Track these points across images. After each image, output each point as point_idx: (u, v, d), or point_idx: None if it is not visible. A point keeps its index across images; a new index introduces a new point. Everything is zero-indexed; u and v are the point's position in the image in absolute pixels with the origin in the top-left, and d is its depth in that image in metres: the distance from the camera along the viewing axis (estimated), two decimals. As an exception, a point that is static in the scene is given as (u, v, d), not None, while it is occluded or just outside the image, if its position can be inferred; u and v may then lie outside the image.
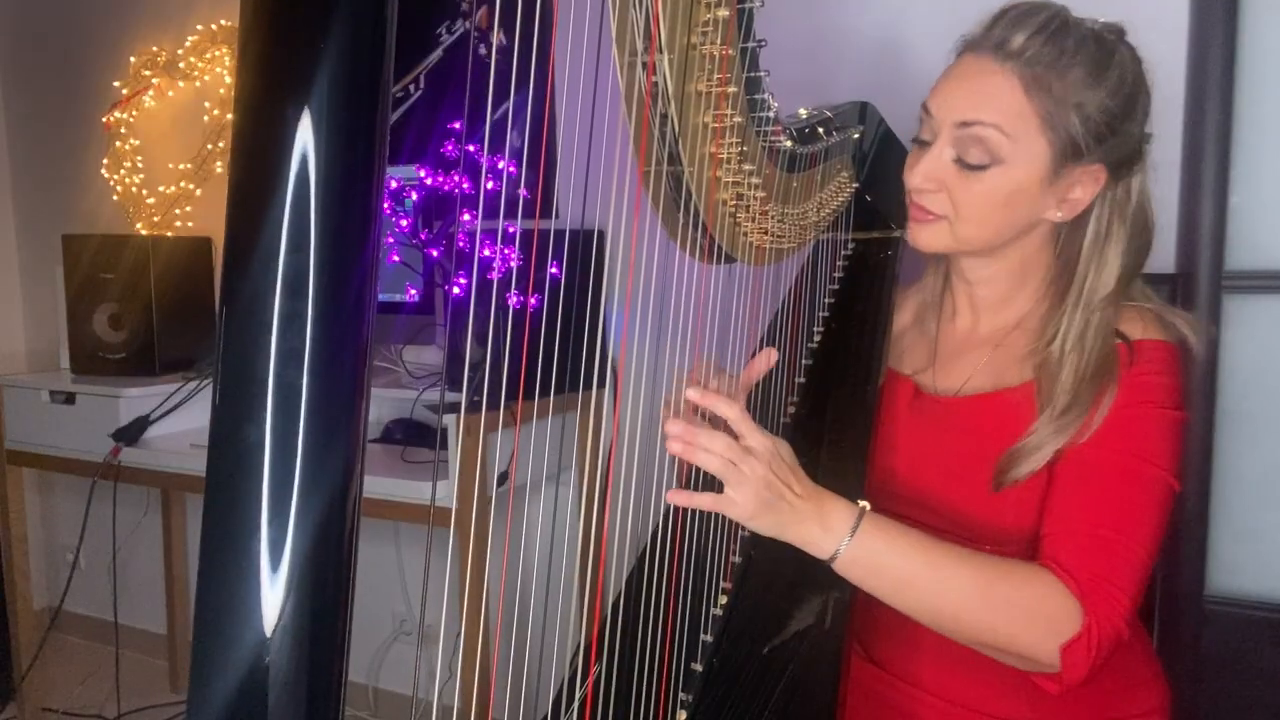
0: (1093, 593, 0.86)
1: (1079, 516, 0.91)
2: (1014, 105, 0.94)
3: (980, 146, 0.95)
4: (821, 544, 0.86)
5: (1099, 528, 0.89)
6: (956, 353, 1.11)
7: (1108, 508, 0.90)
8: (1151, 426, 0.93)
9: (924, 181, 0.99)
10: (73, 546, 2.27)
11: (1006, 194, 0.97)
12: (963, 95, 0.97)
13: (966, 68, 0.98)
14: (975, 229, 1.00)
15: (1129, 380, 0.94)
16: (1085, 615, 0.85)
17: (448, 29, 2.20)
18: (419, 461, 1.75)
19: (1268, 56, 1.45)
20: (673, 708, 0.90)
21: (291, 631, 0.43)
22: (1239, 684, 1.47)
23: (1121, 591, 0.86)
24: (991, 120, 0.94)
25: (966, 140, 0.96)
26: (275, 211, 0.41)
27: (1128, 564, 0.88)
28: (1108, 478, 0.92)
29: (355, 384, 0.44)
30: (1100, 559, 0.88)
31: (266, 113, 0.41)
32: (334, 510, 0.44)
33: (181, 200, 2.55)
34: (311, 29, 0.40)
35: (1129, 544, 0.88)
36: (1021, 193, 0.97)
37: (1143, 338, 0.97)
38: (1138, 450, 0.92)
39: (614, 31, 0.76)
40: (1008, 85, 0.94)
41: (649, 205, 0.86)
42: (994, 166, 0.95)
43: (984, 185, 0.97)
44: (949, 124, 0.97)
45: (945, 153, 0.98)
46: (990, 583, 0.87)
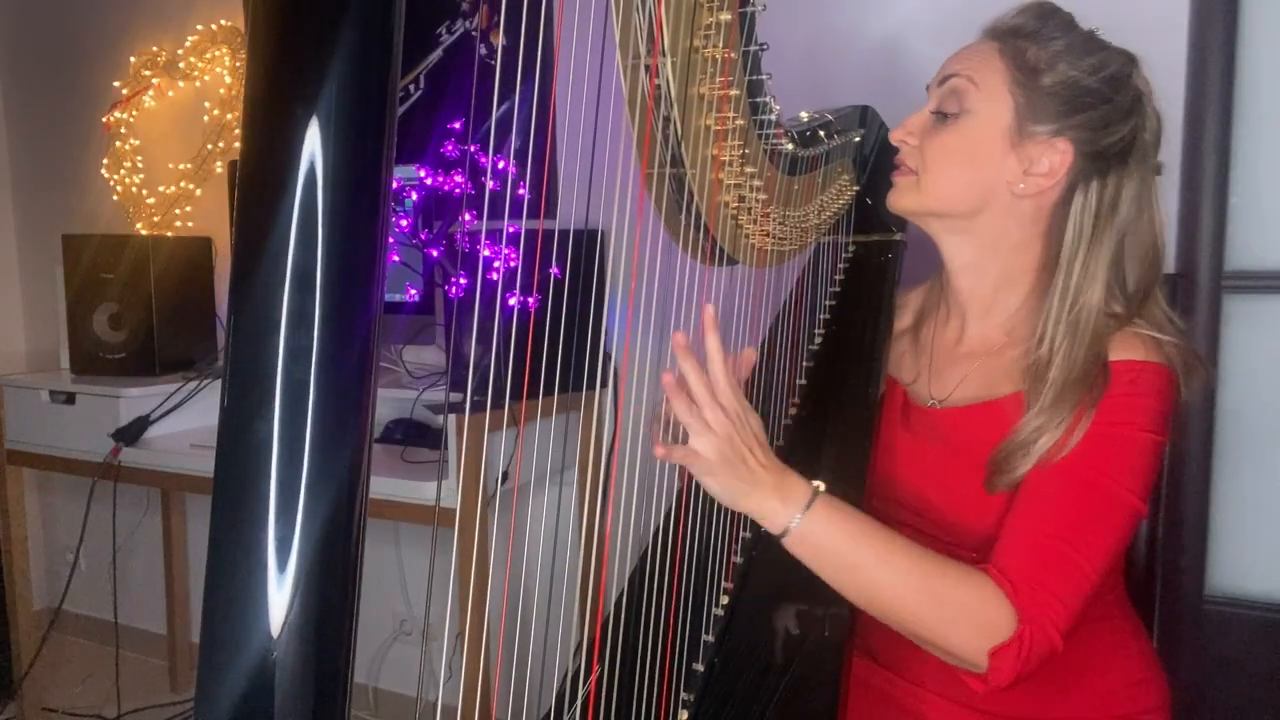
0: (1030, 601, 0.86)
1: (1034, 525, 0.90)
2: (987, 61, 1.01)
3: (950, 96, 1.02)
4: (775, 517, 0.87)
5: (1051, 538, 0.89)
6: (947, 362, 1.11)
7: (1064, 520, 0.90)
8: (1125, 447, 0.92)
9: (903, 134, 1.05)
10: (73, 546, 2.27)
11: (969, 144, 1.01)
12: (949, 61, 1.04)
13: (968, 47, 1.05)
14: (938, 179, 1.03)
15: (1110, 400, 0.94)
16: (1020, 623, 0.85)
17: (448, 29, 2.20)
18: (419, 461, 1.75)
19: (1268, 57, 1.46)
20: (674, 708, 0.90)
21: (298, 630, 0.43)
22: (1239, 684, 1.47)
23: (1060, 603, 0.86)
24: (966, 71, 1.01)
25: (944, 95, 1.02)
26: (284, 210, 0.41)
27: (1072, 577, 0.87)
28: (1071, 491, 0.91)
29: (362, 382, 0.45)
30: (1045, 569, 0.87)
31: (275, 114, 0.41)
32: (341, 508, 0.44)
33: (181, 200, 2.55)
34: (321, 32, 0.41)
35: (1077, 558, 0.88)
36: (983, 146, 1.00)
37: (1130, 358, 0.95)
38: (1107, 469, 0.91)
39: (617, 35, 0.76)
40: (988, 47, 1.02)
41: (651, 207, 0.86)
42: (962, 117, 1.01)
43: (949, 133, 1.02)
44: (934, 85, 1.04)
45: (927, 109, 1.04)
46: (928, 577, 0.87)
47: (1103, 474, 0.91)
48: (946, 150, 1.02)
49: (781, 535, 0.87)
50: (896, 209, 1.08)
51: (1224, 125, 1.46)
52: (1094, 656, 1.05)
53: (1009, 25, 1.02)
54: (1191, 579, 1.48)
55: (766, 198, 0.95)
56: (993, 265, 1.06)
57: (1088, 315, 0.97)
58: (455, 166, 1.82)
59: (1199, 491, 1.47)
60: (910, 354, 1.16)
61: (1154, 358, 0.96)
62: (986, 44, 1.02)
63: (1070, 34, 1.00)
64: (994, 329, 1.07)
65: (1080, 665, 1.05)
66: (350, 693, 0.46)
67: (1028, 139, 0.98)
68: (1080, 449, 0.92)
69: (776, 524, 0.87)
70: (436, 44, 2.21)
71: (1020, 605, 0.85)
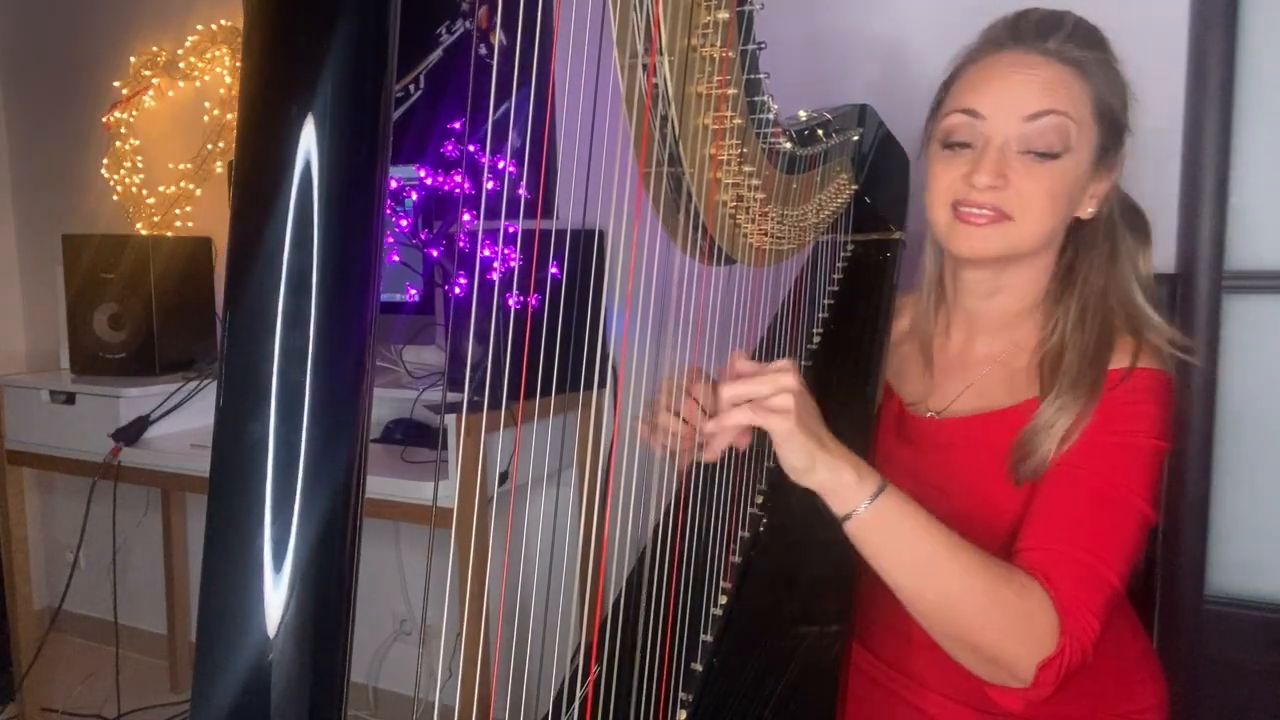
0: (1070, 614, 0.85)
1: (1060, 537, 0.90)
2: (1076, 93, 0.96)
3: (1053, 134, 0.95)
4: (849, 493, 0.84)
5: (1076, 550, 0.89)
6: (948, 374, 1.11)
7: (1085, 531, 0.90)
8: (1134, 456, 0.93)
9: (993, 178, 0.95)
10: (73, 546, 2.27)
11: (1069, 183, 0.97)
12: (1024, 87, 0.95)
13: (1010, 64, 0.97)
14: (1037, 223, 0.97)
15: (1115, 408, 0.94)
16: (1062, 636, 0.84)
17: (448, 29, 2.20)
18: (419, 461, 1.75)
19: (1268, 57, 1.45)
20: (673, 708, 0.90)
21: (294, 631, 0.43)
22: (1239, 684, 1.47)
23: (1095, 617, 0.86)
24: (1063, 108, 0.95)
25: (1037, 132, 0.95)
26: (279, 210, 0.41)
27: (1102, 590, 0.88)
28: (1086, 502, 0.91)
29: (358, 382, 0.45)
30: (1080, 582, 0.87)
31: (270, 113, 0.41)
32: (337, 509, 0.44)
33: (181, 200, 2.55)
34: (315, 30, 0.41)
35: (1105, 571, 0.88)
36: (1078, 182, 0.98)
37: (1133, 365, 0.96)
38: (1120, 480, 0.91)
39: (615, 33, 0.76)
40: (1066, 75, 0.96)
41: (649, 206, 0.86)
42: (1064, 155, 0.95)
43: (1054, 174, 0.95)
44: (1015, 118, 0.95)
45: (1011, 146, 0.96)
46: (997, 581, 0.85)
47: (1116, 485, 0.91)
48: (1052, 193, 0.96)
49: (848, 515, 0.84)
50: (982, 254, 1.00)
51: (1224, 125, 1.46)
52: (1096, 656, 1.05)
53: (1056, 48, 0.96)
54: (1191, 579, 1.47)
55: (765, 197, 0.95)
56: (1019, 287, 1.05)
57: (1095, 302, 1.00)
58: (455, 166, 1.82)
59: (1199, 491, 1.46)
60: (908, 365, 1.16)
61: (1155, 364, 0.97)
62: (1055, 69, 0.96)
63: (1106, 51, 0.99)
64: (1003, 342, 1.07)
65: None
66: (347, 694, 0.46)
67: (1105, 164, 0.99)
68: (1092, 458, 0.92)
69: (848, 502, 0.84)
70: (436, 44, 2.21)
71: (1064, 618, 0.85)
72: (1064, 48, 0.96)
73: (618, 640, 0.92)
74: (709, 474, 1.02)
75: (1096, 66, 0.97)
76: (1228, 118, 1.46)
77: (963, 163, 0.98)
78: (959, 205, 0.99)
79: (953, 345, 1.12)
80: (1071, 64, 0.96)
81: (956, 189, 0.98)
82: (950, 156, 1.00)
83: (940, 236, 1.03)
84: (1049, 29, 0.97)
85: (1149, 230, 1.07)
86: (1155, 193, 1.51)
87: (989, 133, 0.97)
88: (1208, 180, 1.47)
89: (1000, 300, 1.07)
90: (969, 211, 0.98)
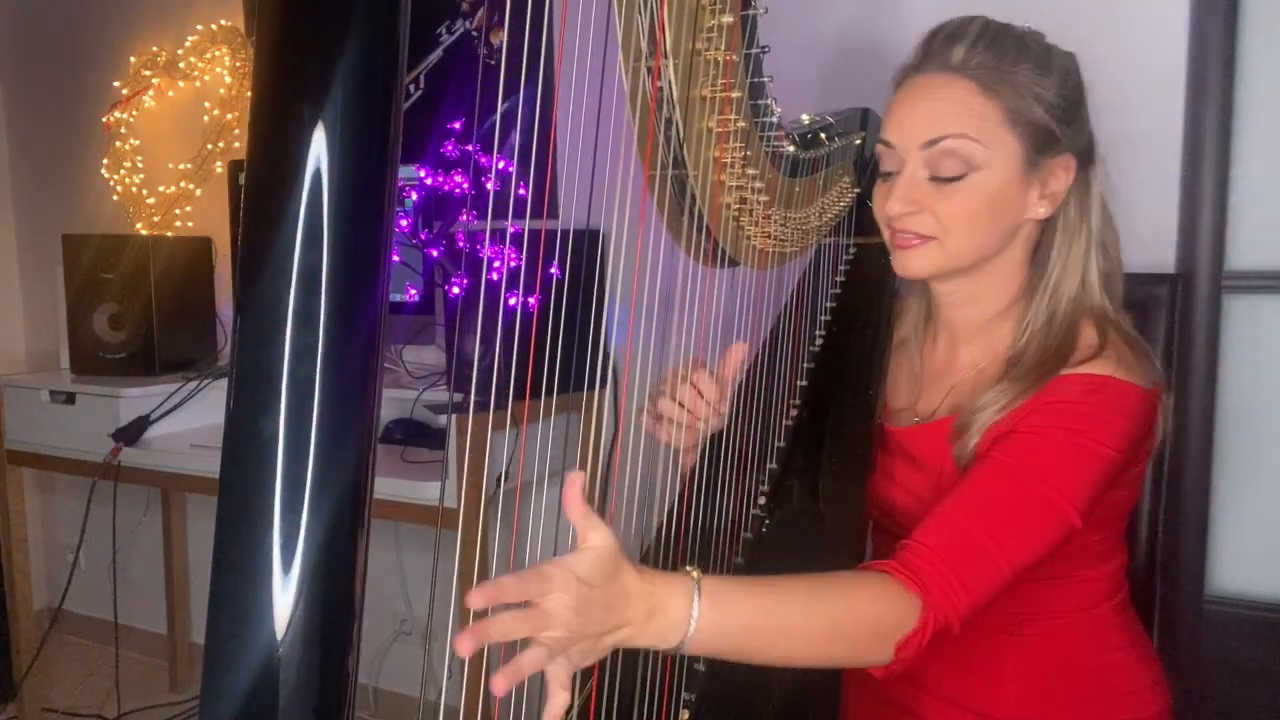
0: (934, 584, 0.84)
1: (962, 512, 0.89)
2: (975, 109, 0.95)
3: (952, 158, 0.96)
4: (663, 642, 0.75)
5: (975, 526, 0.87)
6: (933, 380, 1.11)
7: (993, 514, 0.88)
8: (1074, 457, 0.91)
9: (904, 206, 0.98)
10: (73, 546, 2.27)
11: (989, 197, 0.97)
12: (921, 115, 0.97)
13: (915, 90, 0.99)
14: (964, 240, 0.98)
15: (1071, 408, 0.93)
16: (923, 611, 0.83)
17: (448, 29, 2.21)
18: (419, 461, 1.75)
19: (1268, 56, 1.46)
20: (675, 707, 0.90)
21: (303, 630, 0.43)
22: (1239, 684, 1.47)
23: (965, 590, 0.84)
24: (958, 131, 0.95)
25: (937, 157, 0.96)
26: (290, 210, 0.41)
27: (984, 569, 0.86)
28: (1008, 488, 0.90)
29: (367, 381, 0.45)
30: (959, 554, 0.86)
31: (282, 114, 0.41)
32: (346, 507, 0.44)
33: (181, 200, 2.55)
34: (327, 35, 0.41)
35: (995, 553, 0.86)
36: (1002, 193, 0.97)
37: (1103, 373, 0.94)
38: (1049, 476, 0.89)
39: (619, 36, 0.76)
40: (964, 92, 0.96)
41: (653, 208, 0.86)
42: (971, 174, 0.96)
43: (964, 194, 0.96)
44: (914, 148, 0.97)
45: (918, 173, 0.98)
46: (832, 622, 0.82)
47: (1044, 478, 0.89)
48: (968, 210, 0.97)
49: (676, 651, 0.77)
50: (915, 274, 1.02)
51: (1224, 125, 1.47)
52: (1096, 662, 1.06)
53: (960, 60, 0.96)
54: (1191, 579, 1.48)
55: (768, 199, 0.96)
56: (990, 294, 1.05)
57: (1067, 304, 1.00)
58: (455, 166, 1.83)
59: (1199, 491, 1.47)
60: (897, 375, 1.16)
61: (1123, 374, 0.95)
62: (953, 87, 0.96)
63: (1021, 50, 0.97)
64: (981, 348, 1.07)
65: (1077, 671, 1.05)
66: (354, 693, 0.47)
67: (1039, 169, 0.98)
68: (1028, 451, 0.91)
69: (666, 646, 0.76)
70: (436, 44, 2.21)
71: (925, 591, 0.83)
72: (969, 59, 0.96)
73: (620, 640, 0.92)
74: (711, 474, 1.02)
75: (1005, 74, 0.95)
76: (1228, 118, 1.47)
77: (889, 190, 1.00)
78: (892, 233, 1.02)
79: (939, 354, 1.12)
80: (975, 78, 0.95)
81: (885, 216, 1.01)
82: (881, 184, 1.03)
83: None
84: (953, 41, 0.97)
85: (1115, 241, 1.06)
86: (1155, 193, 1.52)
87: (899, 162, 0.99)
88: (1208, 180, 1.47)
89: (972, 309, 1.07)
90: (898, 236, 1.01)
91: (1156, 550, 1.33)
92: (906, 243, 1.00)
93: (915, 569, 0.84)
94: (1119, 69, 1.53)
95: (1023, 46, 0.97)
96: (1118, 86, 1.55)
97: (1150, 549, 1.33)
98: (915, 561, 0.85)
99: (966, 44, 0.96)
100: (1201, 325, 1.47)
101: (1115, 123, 1.53)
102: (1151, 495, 1.30)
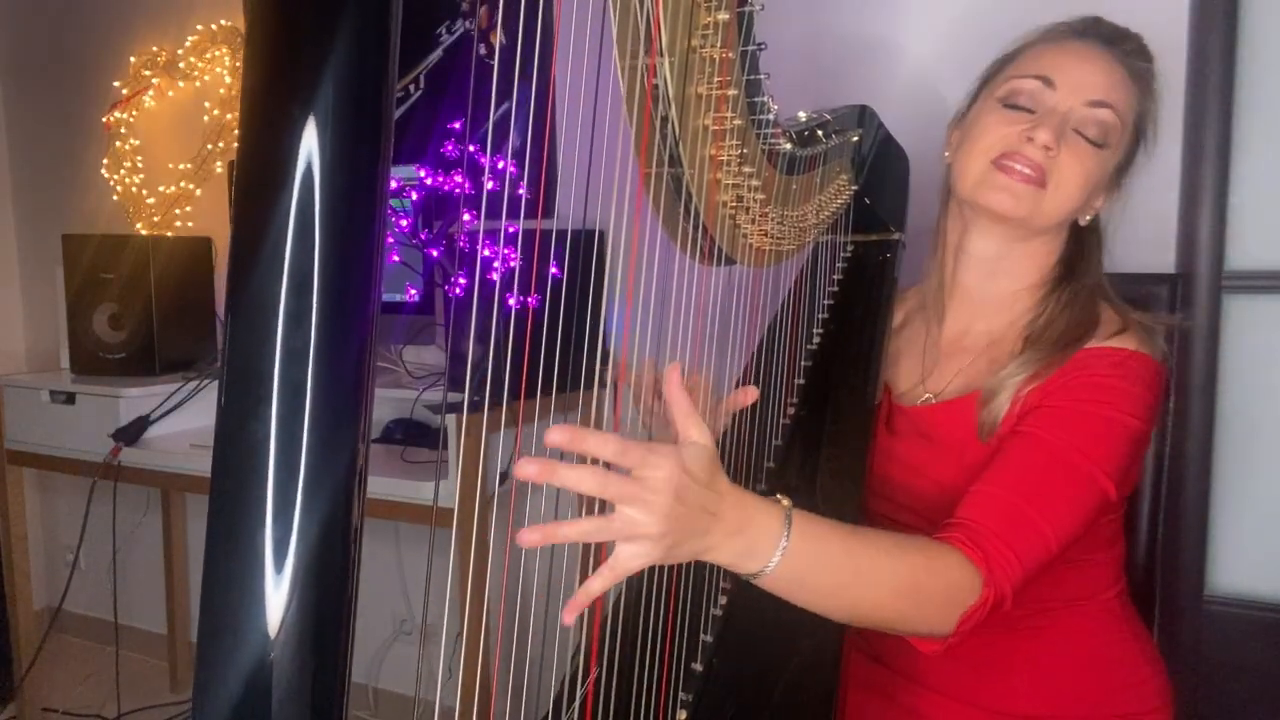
0: (993, 557, 0.85)
1: (1003, 486, 0.91)
2: (1131, 100, 1.02)
3: (1101, 127, 1.00)
4: (744, 564, 0.73)
5: (1018, 499, 0.89)
6: (945, 357, 1.11)
7: (1033, 486, 0.90)
8: (1105, 428, 0.93)
9: (1054, 140, 0.99)
10: (73, 546, 2.27)
11: (1100, 175, 1.02)
12: (1093, 73, 1.01)
13: (1085, 52, 1.03)
14: (1064, 200, 1.02)
15: (1094, 380, 0.95)
16: (985, 585, 0.84)
17: (448, 29, 2.20)
18: (419, 461, 1.75)
19: (1268, 56, 1.45)
20: (673, 708, 0.90)
21: (296, 630, 0.43)
22: (1239, 684, 1.47)
23: (1019, 561, 0.86)
24: (1120, 105, 1.01)
25: (1093, 118, 1.00)
26: (281, 210, 0.41)
27: (1032, 540, 0.87)
28: (1044, 462, 0.92)
29: (360, 382, 0.45)
30: (1009, 525, 0.87)
31: (272, 112, 0.41)
32: (339, 508, 0.44)
33: (181, 200, 2.55)
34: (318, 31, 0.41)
35: (1040, 524, 0.88)
36: (1102, 179, 1.03)
37: (1123, 346, 0.97)
38: (1084, 446, 0.92)
39: (615, 34, 0.76)
40: (1128, 81, 1.02)
41: (649, 207, 0.86)
42: (1105, 149, 1.01)
43: (1091, 162, 1.01)
44: (1080, 98, 1.00)
45: (1070, 121, 1.00)
46: (912, 575, 0.82)
47: (1079, 450, 0.91)
48: (1087, 176, 1.01)
49: (753, 578, 0.75)
50: (1009, 211, 1.01)
51: (1224, 125, 1.46)
52: (1097, 656, 1.06)
53: (1124, 55, 1.03)
54: (1191, 579, 1.47)
55: (765, 197, 0.95)
56: (1019, 270, 1.08)
57: (1087, 294, 1.04)
58: (455, 166, 1.82)
59: (1199, 491, 1.47)
60: (903, 354, 1.16)
61: (1145, 349, 0.98)
62: (1121, 73, 1.02)
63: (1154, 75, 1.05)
64: (1002, 324, 1.08)
65: (1083, 664, 1.05)
66: (348, 693, 0.46)
67: (1116, 179, 1.05)
68: (1061, 424, 0.93)
69: (746, 570, 0.74)
70: (436, 44, 2.21)
71: (984, 566, 0.84)
72: (1130, 57, 1.02)
73: (618, 640, 0.92)
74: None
75: (1150, 84, 1.03)
76: (1228, 118, 1.46)
77: (1021, 121, 1.01)
78: (1005, 159, 1.01)
79: (949, 330, 1.13)
80: (1133, 72, 1.02)
81: (1009, 142, 1.01)
82: (1009, 114, 1.02)
83: (968, 189, 1.04)
84: (1119, 38, 1.04)
85: None
86: (1155, 193, 1.51)
87: (1055, 102, 1.01)
88: (1208, 180, 1.47)
89: (999, 282, 1.09)
90: (1014, 166, 1.01)
91: (1156, 549, 1.33)
92: (1022, 176, 1.00)
93: (977, 540, 0.86)
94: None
95: (1151, 71, 1.05)
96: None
97: (1150, 548, 1.32)
98: (976, 537, 0.86)
99: (1131, 45, 1.04)
100: (1201, 325, 1.46)
101: (1115, 122, 1.54)
102: (1151, 495, 1.29)
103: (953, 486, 0.98)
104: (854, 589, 0.80)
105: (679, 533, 0.66)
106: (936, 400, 1.09)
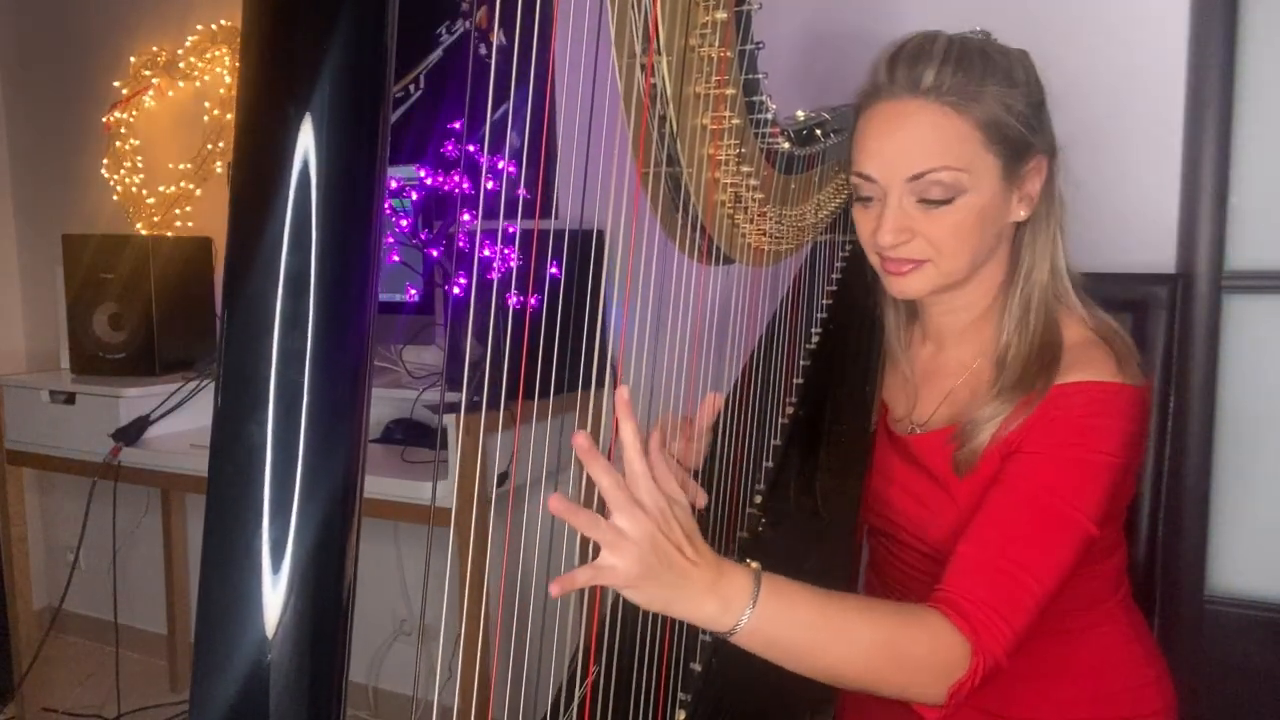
0: (980, 626, 0.85)
1: (986, 549, 0.90)
2: (954, 135, 0.94)
3: (941, 187, 0.95)
4: (718, 621, 0.77)
5: (1001, 561, 0.88)
6: (926, 383, 1.11)
7: (1014, 543, 0.89)
8: (1080, 470, 0.92)
9: (895, 237, 0.97)
10: (73, 546, 2.27)
11: (977, 214, 0.97)
12: (902, 147, 0.96)
13: (889, 119, 0.97)
14: (958, 258, 0.99)
15: (1068, 421, 0.93)
16: (973, 655, 0.84)
17: (448, 29, 2.20)
18: (419, 461, 1.75)
19: (1268, 56, 1.45)
20: (672, 708, 0.90)
21: (293, 631, 0.43)
22: (1239, 684, 1.47)
23: (1007, 625, 0.86)
24: (941, 163, 0.94)
25: (924, 187, 0.95)
26: (277, 212, 0.41)
27: (1020, 599, 0.87)
28: (1023, 513, 0.91)
29: (357, 384, 0.45)
30: (995, 590, 0.87)
31: (268, 114, 0.41)
32: (335, 510, 0.44)
33: (181, 200, 2.55)
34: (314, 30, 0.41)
35: (1027, 580, 0.88)
36: (988, 208, 0.97)
37: (1095, 379, 0.95)
38: (1060, 490, 0.91)
39: (613, 33, 0.76)
40: (941, 118, 0.94)
41: (648, 206, 0.86)
42: (958, 198, 0.95)
43: (954, 215, 0.96)
44: (899, 181, 0.96)
45: (904, 201, 0.97)
46: (890, 641, 0.83)
47: (1055, 495, 0.91)
48: (959, 230, 0.96)
49: (728, 635, 0.79)
50: (914, 295, 1.02)
51: (1224, 125, 1.46)
52: (1100, 659, 1.06)
53: (932, 84, 0.94)
54: (1191, 579, 1.47)
55: (763, 197, 0.95)
56: (977, 295, 1.05)
57: (1039, 293, 1.01)
58: (455, 166, 1.82)
59: (1199, 491, 1.46)
60: (893, 381, 1.16)
61: (1121, 376, 0.95)
62: (930, 113, 0.94)
63: (988, 66, 0.96)
64: (970, 349, 1.08)
65: (1086, 668, 1.05)
66: (345, 694, 0.46)
67: (1017, 176, 0.99)
68: (1039, 472, 0.92)
69: (720, 626, 0.78)
70: (436, 44, 2.21)
71: (972, 636, 0.84)
72: (939, 82, 0.94)
73: (617, 640, 0.92)
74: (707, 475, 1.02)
75: (976, 93, 0.94)
76: (1228, 118, 1.46)
77: (871, 216, 1.00)
78: (881, 258, 1.01)
79: (925, 356, 1.12)
80: (948, 102, 0.94)
81: (874, 243, 1.00)
82: (863, 209, 1.02)
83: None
84: (919, 62, 0.95)
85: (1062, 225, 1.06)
86: (1155, 193, 1.51)
87: (884, 192, 0.98)
88: (1208, 180, 1.47)
89: (960, 315, 1.08)
90: (889, 262, 1.01)
91: (1156, 550, 1.33)
92: (900, 269, 1.00)
93: (963, 610, 0.86)
94: (1119, 69, 1.53)
95: (987, 60, 0.96)
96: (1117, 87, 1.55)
97: (1150, 549, 1.32)
98: (960, 603, 0.86)
99: (935, 66, 0.94)
100: (1201, 325, 1.46)
101: (1115, 123, 1.53)
102: (1151, 495, 1.29)
103: (944, 518, 1.00)
104: (831, 648, 0.81)
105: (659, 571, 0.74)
106: (922, 431, 1.08)
